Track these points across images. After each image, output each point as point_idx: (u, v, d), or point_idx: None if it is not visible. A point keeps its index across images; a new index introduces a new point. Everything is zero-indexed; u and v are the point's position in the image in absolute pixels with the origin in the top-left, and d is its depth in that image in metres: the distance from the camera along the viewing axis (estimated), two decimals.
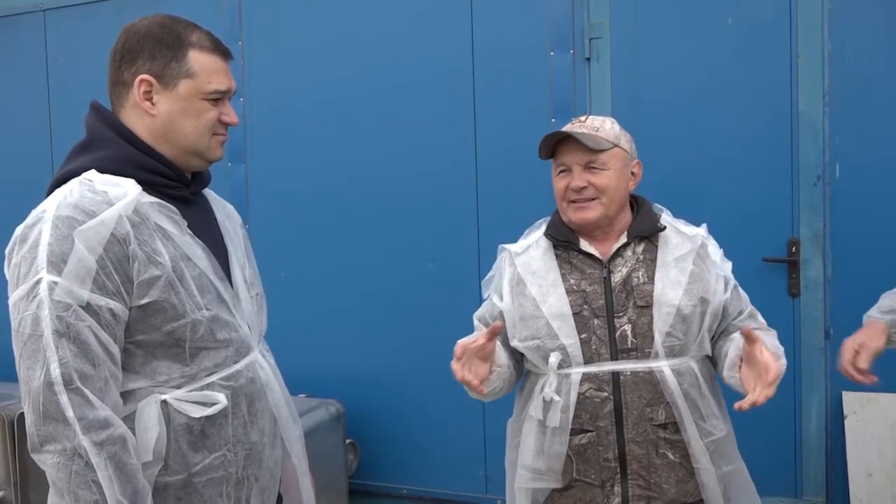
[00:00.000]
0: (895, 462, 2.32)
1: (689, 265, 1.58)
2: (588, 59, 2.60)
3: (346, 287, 2.96)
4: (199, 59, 1.27)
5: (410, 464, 2.90)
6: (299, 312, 2.95)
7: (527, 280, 1.62)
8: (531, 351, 1.60)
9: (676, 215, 1.73)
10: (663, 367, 1.53)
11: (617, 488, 1.55)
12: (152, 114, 1.27)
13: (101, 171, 1.23)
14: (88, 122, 1.31)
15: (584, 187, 1.57)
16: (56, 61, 3.40)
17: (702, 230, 1.66)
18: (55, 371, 1.11)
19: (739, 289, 1.67)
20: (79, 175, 1.23)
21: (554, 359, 1.55)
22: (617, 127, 1.64)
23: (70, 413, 1.11)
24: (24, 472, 2.55)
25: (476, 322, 1.74)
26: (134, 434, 1.20)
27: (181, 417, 1.24)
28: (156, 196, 1.25)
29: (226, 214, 1.46)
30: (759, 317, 1.68)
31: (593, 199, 1.58)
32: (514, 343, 1.63)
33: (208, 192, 1.45)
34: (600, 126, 1.61)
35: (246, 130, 3.05)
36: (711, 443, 1.56)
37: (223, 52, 1.32)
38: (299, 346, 2.92)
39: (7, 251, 1.21)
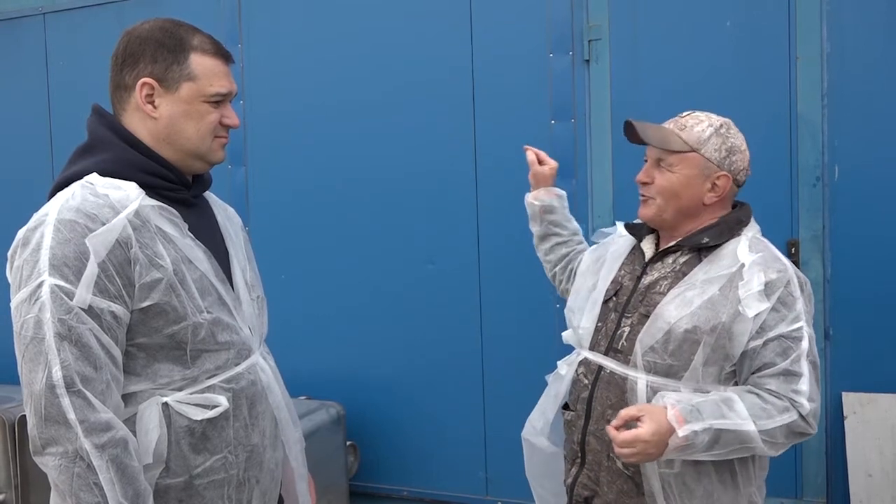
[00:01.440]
0: (895, 462, 2.32)
1: (713, 289, 1.44)
2: (587, 60, 2.60)
3: (346, 289, 2.96)
4: (200, 63, 1.28)
5: (411, 466, 2.90)
6: (299, 315, 2.95)
7: (606, 261, 1.69)
8: (567, 319, 1.71)
9: None
10: (639, 378, 1.48)
11: (574, 470, 1.62)
12: (154, 117, 1.27)
13: (103, 175, 1.24)
14: (90, 125, 1.31)
15: (647, 183, 1.55)
16: (56, 64, 3.40)
17: (752, 258, 1.44)
18: (57, 374, 1.12)
19: (796, 344, 1.40)
20: (80, 178, 1.23)
21: (566, 333, 1.68)
22: (711, 132, 1.51)
23: (72, 416, 1.11)
24: (24, 474, 2.55)
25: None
26: (135, 436, 1.20)
27: (182, 420, 1.24)
28: (157, 199, 1.26)
29: (227, 217, 1.46)
30: (800, 384, 1.39)
31: (651, 198, 1.55)
32: (568, 302, 1.74)
33: (209, 195, 1.45)
34: (690, 126, 1.52)
35: (246, 133, 3.05)
36: (670, 474, 1.46)
37: (224, 56, 1.32)
38: (299, 348, 2.93)
39: (9, 254, 1.22)
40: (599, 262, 1.71)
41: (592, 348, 1.59)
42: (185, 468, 1.25)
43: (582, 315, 1.64)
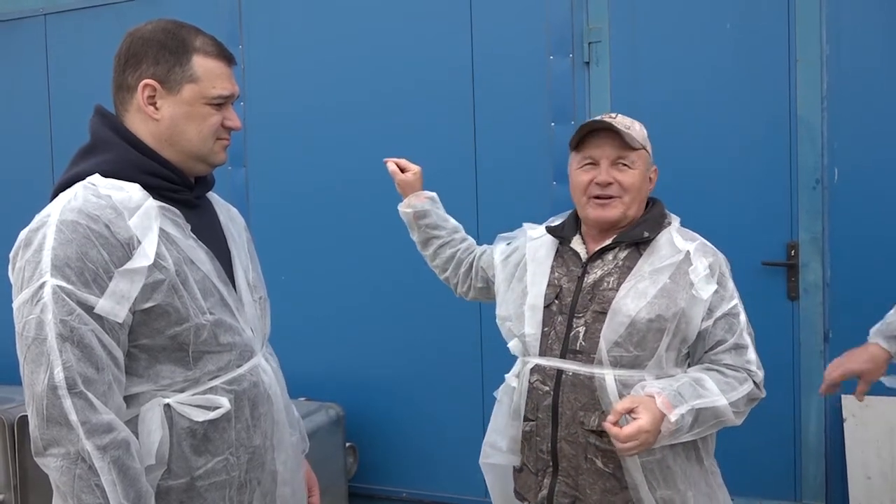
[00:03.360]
0: (894, 465, 2.32)
1: (663, 278, 1.51)
2: (587, 63, 2.60)
3: (345, 290, 2.96)
4: (203, 64, 1.28)
5: (410, 467, 2.89)
6: (299, 316, 2.95)
7: (528, 266, 1.67)
8: (503, 329, 1.68)
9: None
10: (606, 374, 1.49)
11: (547, 480, 1.57)
12: (156, 118, 1.27)
13: (105, 175, 1.23)
14: (92, 125, 1.30)
15: (611, 183, 1.55)
16: (56, 65, 3.40)
17: (691, 246, 1.55)
18: (59, 375, 1.11)
19: (737, 319, 1.52)
20: (83, 179, 1.23)
21: (512, 344, 1.64)
22: (644, 130, 1.63)
23: (73, 417, 1.11)
24: (24, 475, 2.55)
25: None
26: (137, 438, 1.20)
27: (184, 421, 1.23)
28: (159, 200, 1.25)
29: (229, 217, 1.45)
30: (749, 353, 1.52)
31: (615, 198, 1.55)
32: (498, 311, 1.72)
33: (212, 196, 1.45)
34: (631, 125, 1.59)
35: (246, 134, 3.05)
36: (652, 461, 1.49)
37: (227, 58, 1.32)
38: (299, 349, 2.91)
39: (11, 255, 1.21)
40: (519, 267, 1.69)
41: (543, 354, 1.56)
42: (187, 470, 1.24)
43: (522, 323, 1.60)
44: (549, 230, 1.68)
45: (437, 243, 1.91)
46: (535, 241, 1.70)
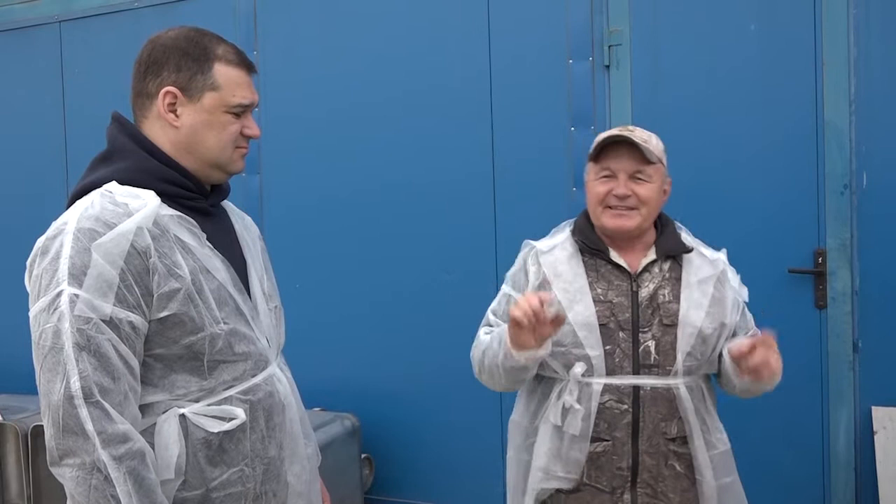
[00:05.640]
0: None
1: (710, 289, 1.62)
2: (607, 66, 2.57)
3: (361, 299, 2.93)
4: (224, 73, 1.28)
5: (427, 479, 2.86)
6: (314, 324, 2.93)
7: (552, 282, 1.62)
8: (554, 357, 1.59)
9: (700, 226, 1.75)
10: (680, 384, 1.58)
11: (627, 496, 1.59)
12: (176, 126, 1.27)
13: (122, 183, 1.23)
14: (110, 133, 1.31)
15: (629, 196, 1.59)
16: (71, 72, 3.42)
17: (722, 255, 1.69)
18: (75, 384, 1.11)
19: (747, 308, 1.72)
20: (99, 186, 1.23)
21: (579, 368, 1.57)
22: (661, 144, 1.66)
23: (90, 427, 1.10)
24: (37, 485, 2.54)
25: (491, 315, 1.74)
26: (153, 449, 1.19)
27: (199, 432, 1.23)
28: (175, 208, 1.25)
29: (244, 226, 1.45)
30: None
31: (633, 209, 1.60)
32: None
33: (227, 204, 1.45)
34: (648, 139, 1.62)
35: (260, 140, 3.04)
36: (715, 455, 1.61)
37: (248, 66, 1.32)
38: (314, 358, 2.89)
39: (28, 263, 1.22)
40: (542, 288, 1.60)
41: (613, 373, 1.56)
42: (202, 481, 1.23)
43: (580, 345, 1.57)
44: (582, 244, 1.64)
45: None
46: (548, 255, 1.66)
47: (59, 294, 1.13)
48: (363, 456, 2.82)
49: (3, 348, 3.39)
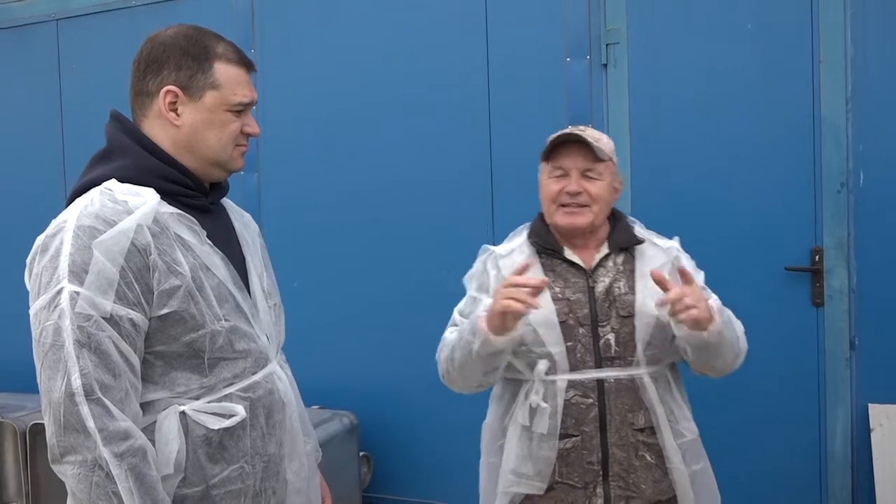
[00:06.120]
0: None
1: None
2: (605, 64, 2.57)
3: (359, 297, 2.93)
4: (224, 71, 1.28)
5: (425, 477, 2.86)
6: (312, 323, 2.92)
7: None
8: (517, 356, 1.61)
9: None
10: (643, 374, 1.60)
11: (599, 490, 1.60)
12: (177, 125, 1.27)
13: (121, 181, 1.23)
14: (109, 130, 1.30)
15: (580, 193, 1.63)
16: (68, 70, 3.41)
17: (675, 242, 1.72)
18: (76, 382, 1.11)
19: (707, 290, 1.69)
20: (99, 184, 1.23)
21: (542, 366, 1.59)
22: (612, 143, 1.72)
23: (91, 424, 1.11)
24: (36, 482, 2.54)
25: (457, 316, 1.75)
26: (153, 445, 1.19)
27: (200, 429, 1.23)
28: (175, 205, 1.25)
29: (243, 224, 1.45)
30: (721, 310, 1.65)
31: (584, 206, 1.63)
32: None
33: (226, 202, 1.45)
34: (599, 138, 1.68)
35: (258, 139, 3.03)
36: (683, 444, 1.63)
37: (247, 64, 1.32)
38: (312, 356, 2.89)
39: (28, 261, 1.21)
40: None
41: (575, 368, 1.58)
42: (202, 478, 1.23)
43: (541, 342, 1.58)
44: (538, 245, 1.68)
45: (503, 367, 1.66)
46: (507, 259, 1.69)
47: (59, 291, 1.13)
48: (361, 454, 2.82)
49: (1, 346, 3.39)
